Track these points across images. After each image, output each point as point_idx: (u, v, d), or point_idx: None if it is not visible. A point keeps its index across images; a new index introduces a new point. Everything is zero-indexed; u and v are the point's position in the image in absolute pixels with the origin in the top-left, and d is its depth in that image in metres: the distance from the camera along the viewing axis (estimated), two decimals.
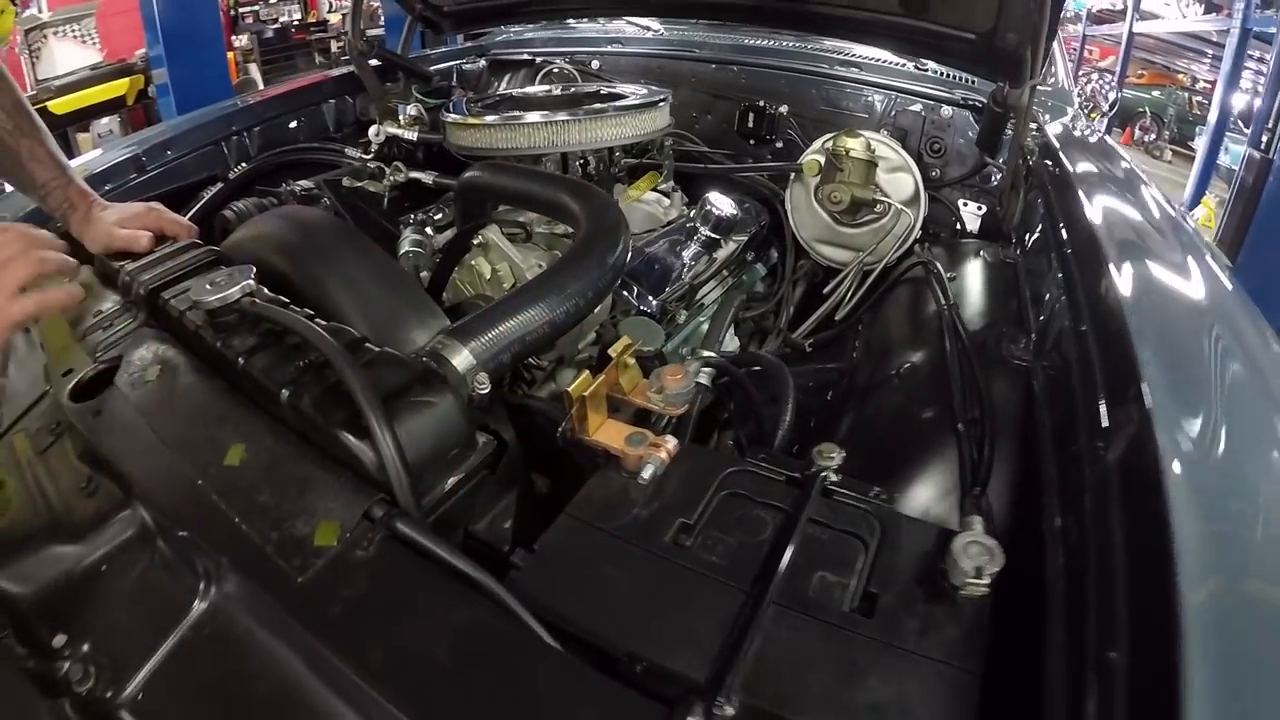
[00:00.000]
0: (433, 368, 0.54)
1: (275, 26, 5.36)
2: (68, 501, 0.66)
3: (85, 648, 0.56)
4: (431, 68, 1.88)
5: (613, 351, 0.56)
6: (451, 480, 0.53)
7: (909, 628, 0.41)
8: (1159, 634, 0.33)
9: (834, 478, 0.50)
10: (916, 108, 1.46)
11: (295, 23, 5.54)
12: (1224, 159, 4.53)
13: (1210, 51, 7.58)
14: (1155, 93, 8.34)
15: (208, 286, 0.64)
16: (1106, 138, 1.35)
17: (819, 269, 1.41)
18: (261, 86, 5.09)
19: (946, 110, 1.43)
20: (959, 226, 1.36)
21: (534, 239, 0.96)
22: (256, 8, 5.34)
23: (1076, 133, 1.30)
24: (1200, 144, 4.60)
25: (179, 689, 0.52)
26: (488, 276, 0.90)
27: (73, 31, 3.82)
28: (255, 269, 0.65)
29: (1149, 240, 0.79)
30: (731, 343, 1.30)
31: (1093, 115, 1.96)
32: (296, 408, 0.53)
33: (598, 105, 1.09)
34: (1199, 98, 8.02)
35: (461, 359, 0.54)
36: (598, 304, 0.68)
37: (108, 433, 0.64)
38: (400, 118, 1.63)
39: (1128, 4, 5.71)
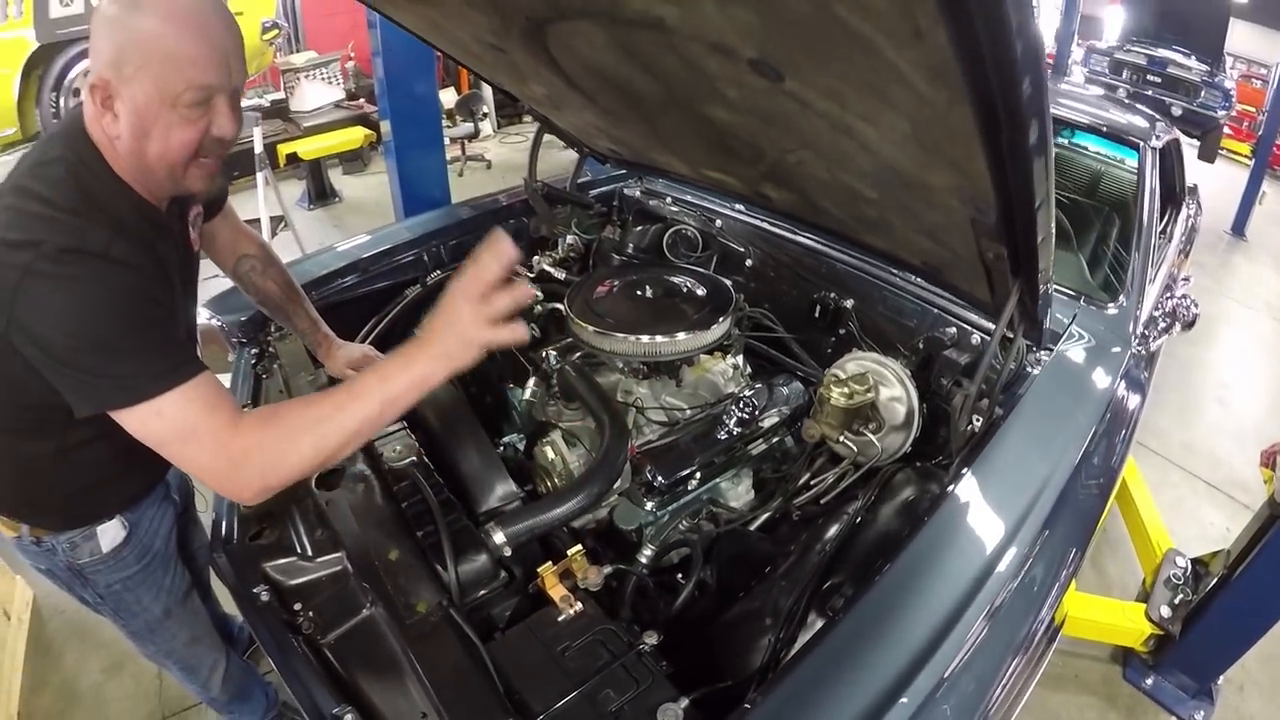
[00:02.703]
0: (482, 539, 1.29)
1: None
2: (305, 536, 1.49)
3: (310, 614, 1.37)
4: (595, 191, 2.67)
5: (569, 551, 1.28)
6: (481, 593, 1.29)
7: None
8: None
9: (647, 649, 1.18)
10: (952, 329, 1.98)
11: None
12: None
13: None
14: None
15: (393, 451, 1.44)
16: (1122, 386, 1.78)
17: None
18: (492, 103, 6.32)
19: (977, 337, 1.94)
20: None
21: (581, 442, 1.70)
22: None
23: (1071, 390, 1.76)
24: None
25: (350, 644, 1.32)
26: (550, 459, 1.67)
27: (320, 74, 5.39)
28: (420, 448, 1.45)
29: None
30: (748, 495, 1.94)
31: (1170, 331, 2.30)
32: (424, 541, 1.31)
33: (666, 325, 1.79)
34: None
35: (499, 537, 1.28)
36: (595, 506, 1.40)
37: (334, 513, 1.46)
38: (560, 247, 2.44)
39: None
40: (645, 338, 1.77)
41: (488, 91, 6.28)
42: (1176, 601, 2.44)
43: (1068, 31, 8.28)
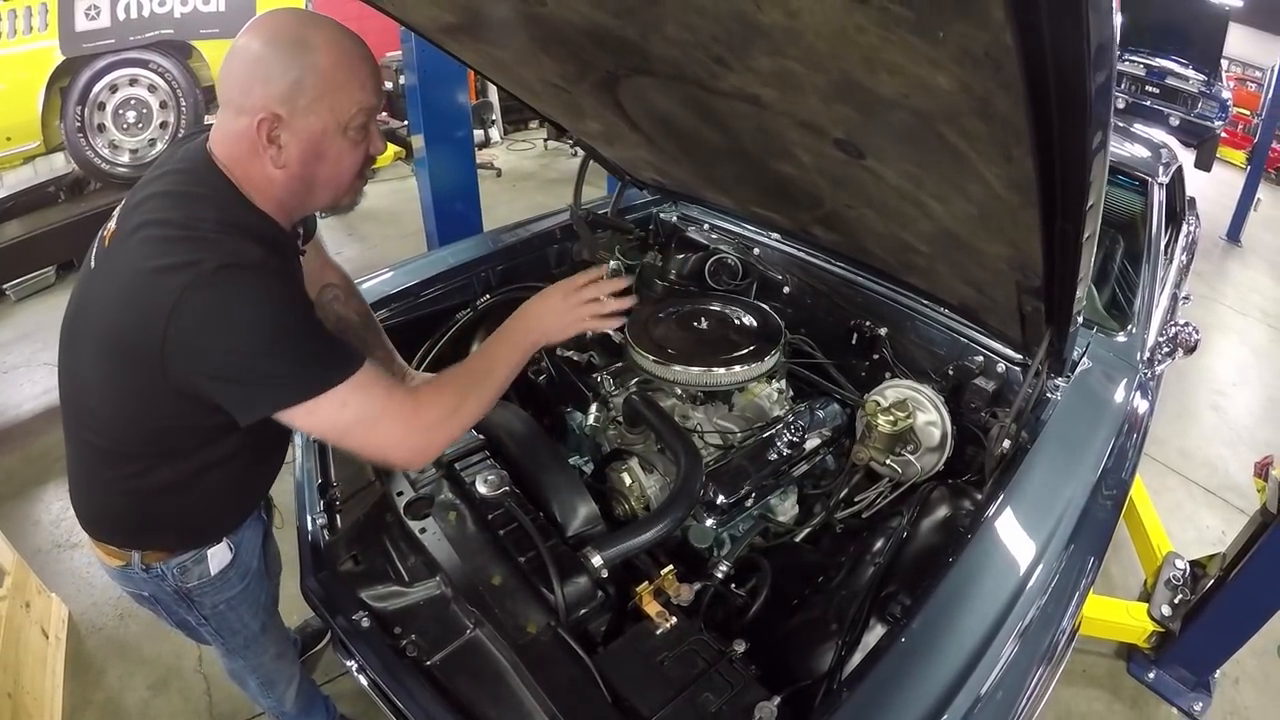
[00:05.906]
0: (580, 561, 1.45)
1: None
2: (399, 562, 1.64)
3: (413, 636, 1.52)
4: (632, 216, 2.81)
5: (663, 571, 1.44)
6: (582, 611, 1.45)
7: None
8: None
9: (737, 655, 1.35)
10: (980, 358, 2.15)
11: None
12: None
13: None
14: None
15: (484, 482, 1.60)
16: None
17: None
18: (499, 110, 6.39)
19: (1002, 365, 2.11)
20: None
21: (655, 467, 1.86)
22: None
23: (1088, 415, 1.93)
24: None
25: (457, 664, 1.48)
26: (628, 485, 1.84)
27: None
28: (509, 476, 1.61)
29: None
30: (794, 510, 2.11)
31: (1173, 355, 2.49)
32: (526, 566, 1.47)
33: (720, 356, 1.96)
34: None
35: (596, 560, 1.45)
36: (675, 530, 1.56)
37: (429, 541, 1.60)
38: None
39: None
40: (702, 369, 1.93)
41: (494, 97, 6.36)
42: (1176, 601, 2.66)
43: None
